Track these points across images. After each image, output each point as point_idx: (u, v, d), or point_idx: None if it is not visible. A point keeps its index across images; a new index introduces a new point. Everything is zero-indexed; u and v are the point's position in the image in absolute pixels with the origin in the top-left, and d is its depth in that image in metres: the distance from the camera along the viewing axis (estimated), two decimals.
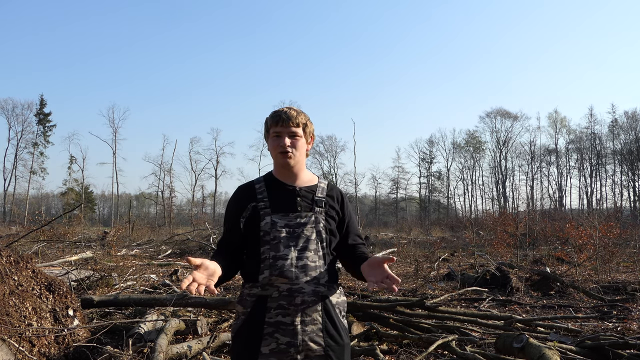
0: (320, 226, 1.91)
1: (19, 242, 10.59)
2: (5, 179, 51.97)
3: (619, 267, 11.82)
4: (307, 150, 1.99)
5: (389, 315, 5.30)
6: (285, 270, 1.82)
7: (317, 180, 2.04)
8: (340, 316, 1.93)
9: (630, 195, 53.23)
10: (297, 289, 1.81)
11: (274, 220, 1.87)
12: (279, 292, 1.82)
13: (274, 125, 1.92)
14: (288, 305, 1.81)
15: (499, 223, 18.15)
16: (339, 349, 1.86)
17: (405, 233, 30.11)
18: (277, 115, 1.92)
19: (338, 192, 2.06)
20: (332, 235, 1.96)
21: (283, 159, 1.91)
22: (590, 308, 7.06)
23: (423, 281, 9.66)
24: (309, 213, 1.92)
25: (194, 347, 4.19)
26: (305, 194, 1.96)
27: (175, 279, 9.29)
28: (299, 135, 1.93)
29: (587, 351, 4.06)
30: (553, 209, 46.33)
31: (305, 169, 2.03)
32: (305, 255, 1.85)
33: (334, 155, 59.22)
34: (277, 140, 1.92)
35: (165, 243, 19.92)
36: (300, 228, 1.88)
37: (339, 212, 2.01)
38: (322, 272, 1.87)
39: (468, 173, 61.51)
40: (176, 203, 59.78)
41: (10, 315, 3.69)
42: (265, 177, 2.02)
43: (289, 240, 1.86)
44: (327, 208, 1.97)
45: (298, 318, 1.81)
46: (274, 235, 1.84)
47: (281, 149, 1.90)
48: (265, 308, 1.82)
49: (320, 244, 1.90)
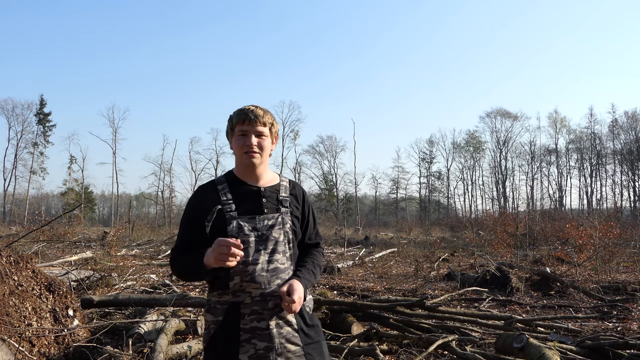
0: (287, 227, 1.88)
1: (19, 242, 10.59)
2: (5, 179, 52.06)
3: (619, 267, 11.82)
4: (271, 150, 1.94)
5: (389, 315, 5.30)
6: (257, 276, 1.78)
7: (279, 178, 2.00)
8: (310, 314, 1.93)
9: (630, 195, 53.29)
10: (270, 293, 1.79)
11: (240, 223, 1.81)
12: (252, 297, 1.79)
13: (240, 123, 1.86)
14: (262, 310, 1.79)
15: (499, 223, 18.15)
16: (316, 345, 1.87)
17: (405, 233, 30.13)
18: (243, 113, 1.86)
19: (300, 189, 2.03)
20: (296, 234, 1.93)
21: (249, 158, 1.85)
22: (590, 308, 7.06)
23: (423, 281, 9.66)
24: (275, 214, 1.87)
25: (194, 347, 4.19)
26: (270, 194, 1.91)
27: (175, 279, 9.28)
28: (265, 135, 1.88)
29: (587, 351, 4.06)
30: (553, 209, 46.33)
31: (268, 168, 1.99)
32: (275, 258, 1.83)
33: (334, 155, 59.24)
34: (243, 139, 1.86)
35: (165, 243, 19.92)
36: (268, 231, 1.83)
37: (301, 211, 1.99)
38: (290, 273, 1.86)
39: (468, 173, 61.61)
40: (176, 203, 59.71)
41: (10, 315, 3.69)
42: (227, 176, 1.95)
43: (258, 244, 1.81)
44: (292, 207, 1.94)
45: (273, 322, 1.79)
46: (242, 240, 1.76)
47: (247, 148, 1.84)
48: (238, 314, 1.78)
49: (288, 245, 1.88)
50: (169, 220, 47.84)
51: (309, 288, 1.90)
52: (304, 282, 1.83)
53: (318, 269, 1.98)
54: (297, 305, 1.73)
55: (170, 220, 48.68)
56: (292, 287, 1.75)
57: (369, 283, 9.74)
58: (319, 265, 2.00)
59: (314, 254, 2.01)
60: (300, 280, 1.82)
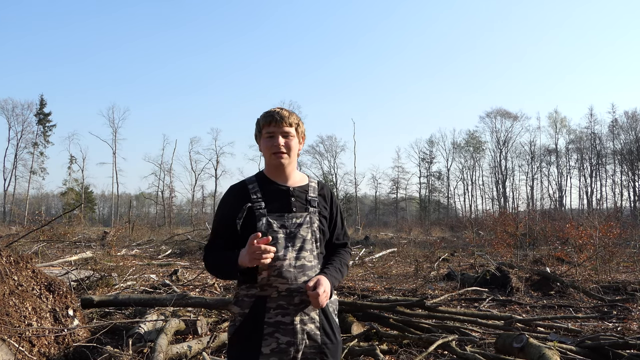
0: (315, 226, 1.94)
1: (19, 242, 10.59)
2: (5, 179, 52.09)
3: (619, 267, 11.82)
4: (299, 150, 2.00)
5: (389, 315, 5.30)
6: (284, 271, 1.84)
7: (308, 179, 2.06)
8: (334, 314, 1.98)
9: (630, 195, 53.28)
10: (296, 289, 1.84)
11: (269, 220, 1.88)
12: (278, 292, 1.84)
13: (267, 125, 1.92)
14: (287, 305, 1.84)
15: (499, 223, 18.12)
16: (333, 347, 1.91)
17: (405, 233, 30.12)
18: (269, 115, 1.92)
19: (328, 190, 2.09)
20: (324, 234, 1.99)
21: (277, 159, 1.92)
22: (590, 308, 7.06)
23: (423, 281, 9.66)
24: (303, 213, 1.94)
25: (194, 347, 4.19)
26: (298, 194, 1.97)
27: (175, 279, 9.28)
28: (292, 135, 1.94)
29: (587, 351, 4.06)
30: (553, 209, 46.33)
31: (296, 169, 2.05)
32: (302, 255, 1.88)
33: (334, 155, 59.21)
34: (270, 141, 1.92)
35: (165, 243, 19.91)
36: (296, 229, 1.89)
37: (329, 211, 2.04)
38: (317, 271, 1.91)
39: (468, 173, 61.60)
40: (176, 203, 59.87)
41: (10, 315, 3.69)
42: (258, 176, 2.01)
43: (287, 241, 1.87)
44: (320, 208, 1.99)
45: (297, 317, 1.84)
46: (271, 236, 1.83)
47: (275, 149, 1.91)
48: (264, 308, 1.84)
49: (315, 244, 1.93)
50: (169, 220, 47.84)
51: (335, 286, 1.95)
52: (330, 279, 1.87)
53: (345, 268, 2.03)
54: (322, 299, 1.78)
55: (170, 220, 48.68)
56: (319, 281, 1.81)
57: (369, 283, 9.75)
58: (346, 265, 2.05)
59: (341, 253, 2.06)
60: (327, 277, 1.87)
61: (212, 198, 60.83)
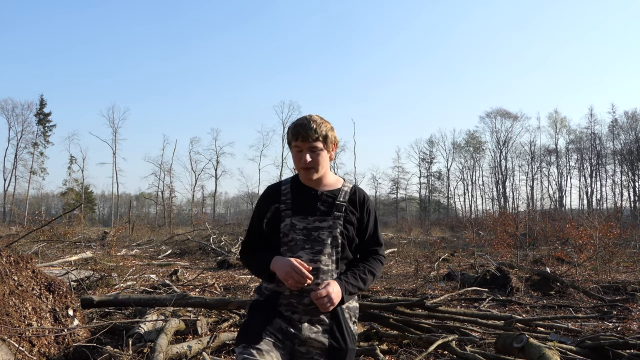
0: (337, 231, 1.93)
1: (19, 242, 10.59)
2: (5, 179, 52.01)
3: (619, 267, 11.82)
4: (330, 158, 1.99)
5: (389, 315, 5.29)
6: None
7: (342, 183, 2.05)
8: (349, 321, 1.96)
9: (630, 195, 53.24)
10: (308, 290, 1.86)
11: (293, 222, 1.92)
12: (291, 290, 1.88)
13: (294, 139, 1.91)
14: (297, 303, 1.88)
15: (499, 223, 18.12)
16: (341, 352, 1.89)
17: (405, 233, 30.09)
18: (296, 130, 1.90)
19: (361, 195, 2.04)
20: (349, 240, 1.97)
21: (305, 174, 1.94)
22: (590, 308, 7.06)
23: (423, 281, 9.66)
24: (327, 217, 1.94)
25: (194, 347, 4.19)
26: (326, 199, 1.98)
27: (175, 279, 9.28)
28: (320, 149, 1.92)
29: (587, 351, 4.06)
30: (553, 209, 46.33)
31: (329, 172, 2.04)
32: (319, 258, 1.89)
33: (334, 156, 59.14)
34: (298, 155, 1.93)
35: (165, 243, 19.92)
36: (317, 232, 1.91)
37: (359, 217, 2.01)
38: (334, 276, 1.91)
39: (468, 173, 61.57)
40: (176, 203, 59.76)
41: (10, 315, 3.69)
42: (293, 178, 2.06)
43: (305, 242, 1.90)
44: (347, 213, 1.97)
45: (305, 317, 1.88)
46: (291, 237, 1.90)
47: (302, 164, 1.91)
48: (277, 303, 1.92)
49: (335, 249, 1.92)
50: (169, 220, 47.79)
51: (354, 294, 1.93)
52: (343, 285, 1.87)
53: (370, 275, 1.98)
54: (325, 303, 1.79)
55: (170, 220, 48.64)
56: (328, 285, 1.83)
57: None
58: (372, 272, 2.00)
59: (370, 260, 2.04)
60: (341, 282, 1.87)
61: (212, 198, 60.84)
